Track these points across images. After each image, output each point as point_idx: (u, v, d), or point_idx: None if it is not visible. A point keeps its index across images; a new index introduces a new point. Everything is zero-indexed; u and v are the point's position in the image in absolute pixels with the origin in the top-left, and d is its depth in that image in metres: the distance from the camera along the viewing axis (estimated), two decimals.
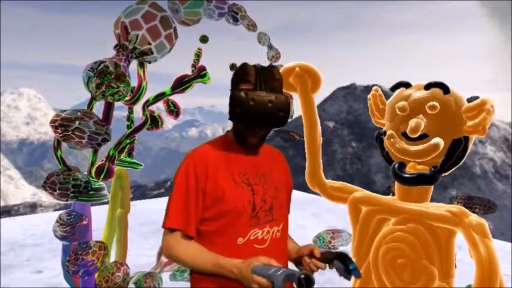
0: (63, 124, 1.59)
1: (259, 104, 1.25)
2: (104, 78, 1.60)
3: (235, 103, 1.27)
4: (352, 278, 1.26)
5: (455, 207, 1.70)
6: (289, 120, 1.41)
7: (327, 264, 1.32)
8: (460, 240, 1.68)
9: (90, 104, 1.90)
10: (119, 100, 1.77)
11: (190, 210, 1.27)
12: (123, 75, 1.64)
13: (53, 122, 1.60)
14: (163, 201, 1.33)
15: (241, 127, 1.33)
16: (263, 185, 1.35)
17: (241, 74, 1.33)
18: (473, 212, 1.86)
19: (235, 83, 1.34)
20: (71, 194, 1.65)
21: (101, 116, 1.93)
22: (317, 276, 1.18)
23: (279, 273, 1.10)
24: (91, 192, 1.86)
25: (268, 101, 1.26)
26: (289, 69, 1.97)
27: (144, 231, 5.44)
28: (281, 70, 2.01)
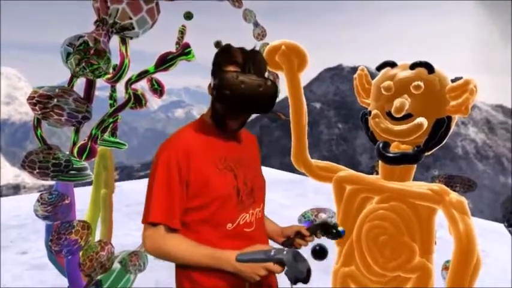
0: (41, 101, 1.53)
1: (250, 88, 1.21)
2: (84, 55, 1.54)
3: (225, 85, 1.20)
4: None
5: (437, 186, 1.74)
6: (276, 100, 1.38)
7: (314, 236, 1.41)
8: (440, 218, 1.72)
9: (71, 81, 1.85)
10: (99, 77, 1.71)
11: (174, 202, 1.22)
12: (103, 51, 1.58)
13: (30, 98, 1.54)
14: None
15: (223, 111, 1.27)
16: (243, 168, 1.34)
17: (227, 54, 1.27)
18: (454, 190, 1.90)
19: (220, 63, 1.27)
20: (51, 173, 1.61)
21: (82, 94, 1.87)
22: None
23: (285, 252, 1.12)
24: (73, 172, 1.82)
25: (258, 85, 1.22)
26: (276, 47, 1.95)
27: (130, 211, 5.42)
28: (267, 48, 1.99)
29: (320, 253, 1.44)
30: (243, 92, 1.20)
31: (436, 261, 1.78)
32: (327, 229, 1.39)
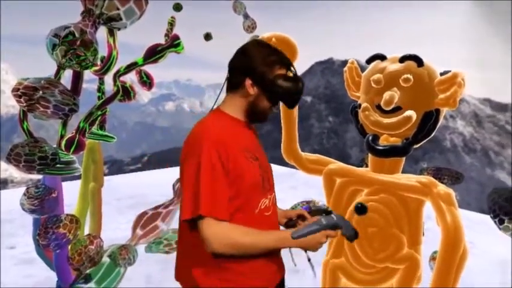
0: (26, 93, 1.50)
1: (301, 91, 1.39)
2: (70, 46, 1.51)
3: (294, 91, 1.35)
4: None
5: (425, 178, 1.75)
6: None
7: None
8: (429, 210, 1.74)
9: (58, 73, 1.81)
10: (86, 68, 1.68)
11: (224, 194, 1.23)
12: (89, 42, 1.55)
13: (15, 90, 1.50)
14: (140, 176, 1.27)
15: (269, 106, 1.37)
16: (261, 157, 1.40)
17: (279, 57, 1.35)
18: (442, 182, 1.92)
19: (271, 65, 1.33)
20: (38, 167, 1.58)
21: (69, 87, 1.84)
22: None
23: (334, 216, 1.29)
24: (60, 165, 1.79)
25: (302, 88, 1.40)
26: (266, 40, 1.93)
27: (120, 205, 5.39)
28: None
29: (362, 209, 1.73)
30: (300, 95, 1.40)
31: (424, 252, 1.80)
32: (328, 214, 1.46)
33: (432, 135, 1.78)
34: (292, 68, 1.38)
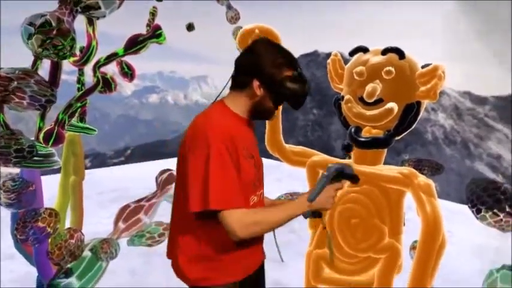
0: (1, 83, 1.44)
1: (308, 93, 1.38)
2: (46, 36, 1.45)
3: (301, 93, 1.34)
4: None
5: (406, 169, 1.78)
6: None
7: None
8: (410, 201, 1.77)
9: (35, 64, 1.75)
10: (64, 58, 1.63)
11: (237, 183, 1.25)
12: (67, 31, 1.50)
13: None
14: (123, 169, 1.24)
15: (274, 106, 1.37)
16: (256, 155, 1.41)
17: (287, 58, 1.35)
18: (422, 173, 1.96)
19: (279, 66, 1.32)
20: (14, 159, 1.52)
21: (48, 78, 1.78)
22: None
23: (334, 164, 1.40)
24: (38, 158, 1.74)
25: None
26: (249, 31, 1.92)
27: (102, 199, 5.31)
28: (240, 32, 1.95)
29: (348, 146, 1.81)
30: (305, 98, 1.39)
31: (404, 241, 1.84)
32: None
33: (413, 127, 1.81)
34: (298, 68, 1.36)
